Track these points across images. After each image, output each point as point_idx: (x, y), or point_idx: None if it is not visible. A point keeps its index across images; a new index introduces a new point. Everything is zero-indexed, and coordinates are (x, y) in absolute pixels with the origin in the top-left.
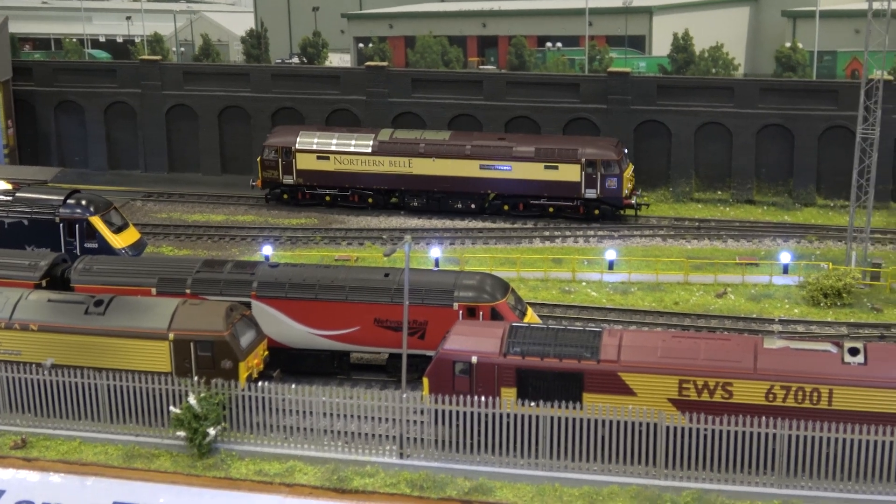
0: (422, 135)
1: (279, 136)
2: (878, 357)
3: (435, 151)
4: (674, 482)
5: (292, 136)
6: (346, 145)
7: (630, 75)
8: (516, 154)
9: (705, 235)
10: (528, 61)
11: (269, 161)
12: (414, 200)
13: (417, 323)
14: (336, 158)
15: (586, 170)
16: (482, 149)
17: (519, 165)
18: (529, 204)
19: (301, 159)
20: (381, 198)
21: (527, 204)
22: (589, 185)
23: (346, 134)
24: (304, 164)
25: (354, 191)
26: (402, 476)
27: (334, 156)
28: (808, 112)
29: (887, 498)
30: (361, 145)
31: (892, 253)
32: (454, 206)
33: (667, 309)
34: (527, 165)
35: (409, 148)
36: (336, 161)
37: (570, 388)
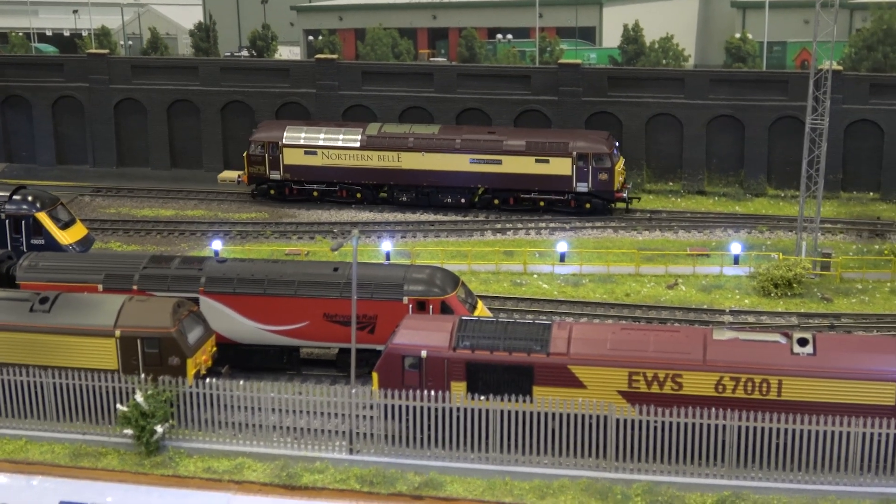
0: (410, 129)
1: (266, 131)
2: (827, 347)
3: (424, 146)
4: (624, 474)
5: (279, 131)
6: (333, 140)
7: (581, 67)
8: (507, 148)
9: (656, 226)
10: (479, 53)
11: (256, 156)
12: (403, 195)
13: (367, 317)
14: (324, 153)
15: (577, 163)
16: (472, 143)
17: (509, 159)
18: (520, 198)
19: (288, 154)
20: (370, 193)
21: (517, 198)
22: (580, 178)
23: (333, 129)
24: (292, 159)
25: (343, 186)
26: (352, 472)
27: (322, 151)
28: (758, 103)
29: (837, 488)
30: (350, 140)
31: (842, 243)
32: (444, 200)
33: (618, 300)
34: (517, 159)
35: (398, 142)
36: (324, 156)
37: (520, 381)
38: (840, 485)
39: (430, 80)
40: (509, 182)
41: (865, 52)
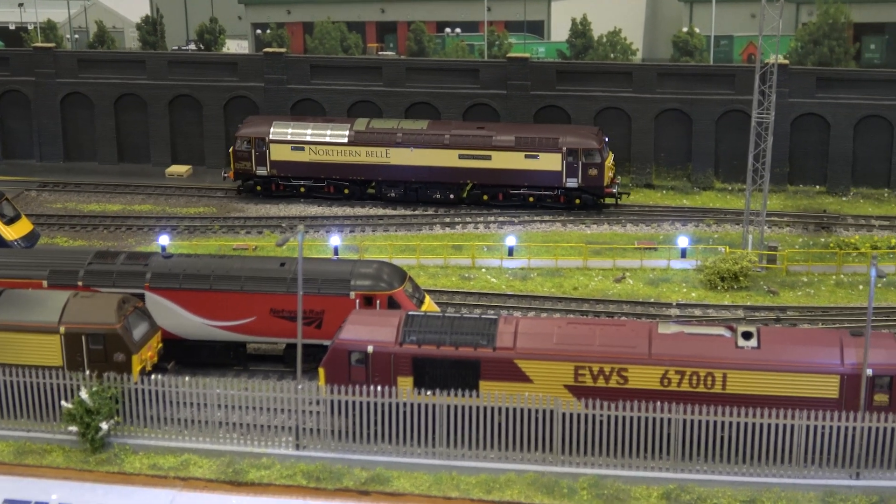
0: (399, 124)
1: (252, 127)
2: (771, 340)
3: (413, 141)
4: (571, 468)
5: (265, 127)
6: (321, 135)
7: (529, 61)
8: (496, 143)
9: (605, 220)
10: (428, 47)
11: (242, 152)
12: (391, 191)
13: (314, 312)
14: (311, 149)
15: (567, 159)
16: (461, 138)
17: (498, 155)
18: (509, 193)
19: (275, 150)
20: (358, 188)
21: (506, 194)
22: (570, 174)
23: (320, 124)
24: (279, 154)
25: (330, 182)
26: (299, 467)
27: (309, 146)
28: (705, 96)
29: (781, 480)
30: (337, 135)
31: (788, 236)
32: (432, 196)
33: (566, 294)
34: (506, 155)
35: (387, 138)
36: (311, 151)
37: (467, 376)
38: (784, 477)
39: (378, 74)
40: (498, 178)
41: (811, 47)
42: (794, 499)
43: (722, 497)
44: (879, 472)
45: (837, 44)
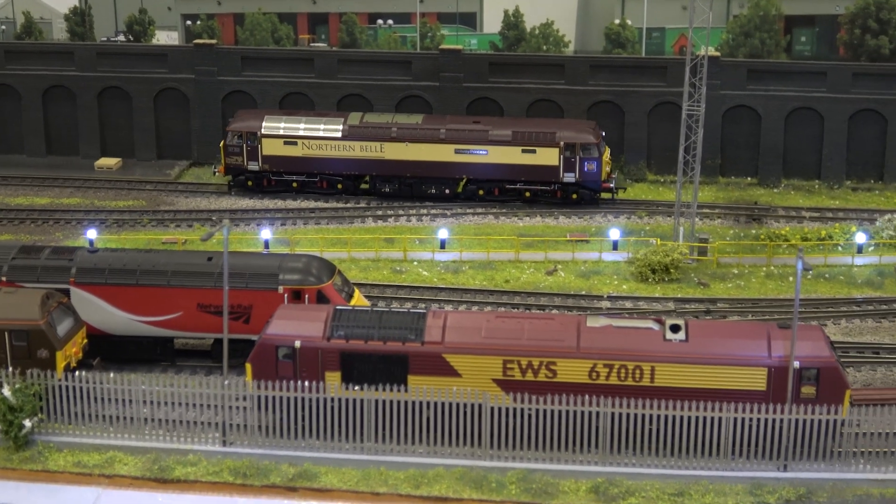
0: (393, 118)
1: (243, 121)
2: (699, 333)
3: (408, 136)
4: (499, 462)
5: (257, 121)
6: (314, 130)
7: (462, 53)
8: (492, 138)
9: (537, 212)
10: (360, 39)
11: (233, 147)
12: (385, 186)
13: (242, 307)
14: (304, 143)
15: (564, 153)
16: (457, 133)
17: (495, 149)
18: (505, 189)
19: (267, 145)
20: (351, 183)
21: (502, 189)
22: (567, 168)
23: (313, 118)
24: (271, 149)
25: (323, 177)
26: (226, 464)
27: (302, 141)
28: (637, 88)
29: (709, 473)
30: (331, 130)
31: (719, 227)
32: (427, 191)
33: (497, 287)
34: (503, 149)
35: (381, 132)
36: (304, 146)
37: (395, 370)
38: (712, 470)
39: (310, 66)
40: (495, 172)
41: (743, 39)
42: (722, 491)
43: (650, 490)
44: (807, 464)
45: (768, 36)
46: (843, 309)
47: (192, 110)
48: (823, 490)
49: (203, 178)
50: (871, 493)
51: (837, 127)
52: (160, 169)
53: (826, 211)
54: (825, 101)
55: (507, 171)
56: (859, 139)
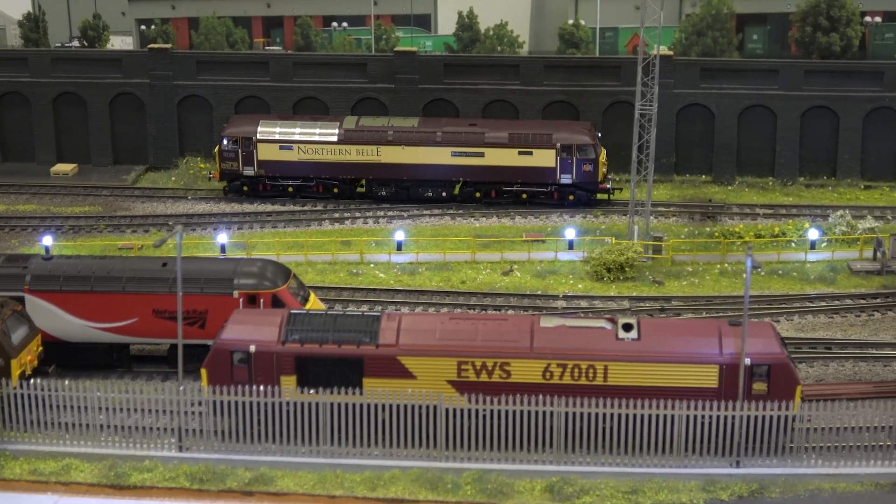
0: (389, 122)
1: (238, 126)
2: (651, 332)
3: (404, 139)
4: (455, 463)
5: (252, 126)
6: (310, 134)
7: (417, 54)
8: (489, 140)
9: (493, 213)
10: (315, 41)
11: (228, 152)
12: (382, 189)
13: (197, 312)
14: (300, 148)
15: (561, 155)
16: (453, 135)
17: (492, 151)
18: (502, 191)
19: (263, 149)
20: (347, 187)
21: (499, 191)
22: (564, 170)
23: (308, 122)
24: (266, 154)
25: (319, 181)
26: (182, 469)
27: (298, 145)
28: (592, 88)
29: (663, 470)
30: (326, 134)
31: (674, 226)
32: (424, 194)
33: (454, 288)
34: (500, 151)
35: (377, 136)
36: (300, 150)
37: (351, 373)
38: (666, 467)
39: (265, 69)
40: (492, 175)
41: (695, 38)
42: (676, 488)
43: (604, 488)
44: (759, 460)
45: (721, 34)
46: (797, 305)
47: (148, 115)
48: (776, 485)
49: (160, 183)
50: (823, 488)
51: (790, 124)
52: (116, 174)
53: (780, 208)
54: (778, 98)
55: (504, 173)
56: (812, 136)
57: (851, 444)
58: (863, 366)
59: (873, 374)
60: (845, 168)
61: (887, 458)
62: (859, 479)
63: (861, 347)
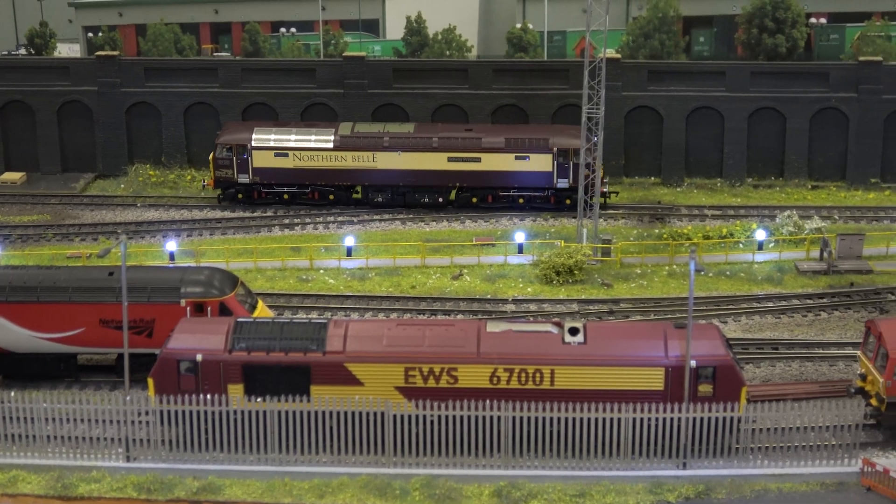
0: (384, 128)
1: (232, 133)
2: (597, 335)
3: (400, 145)
4: (403, 469)
5: (247, 133)
6: (305, 141)
7: (365, 59)
8: (485, 145)
9: (443, 217)
10: (263, 47)
11: (223, 160)
12: (378, 196)
13: (144, 321)
14: (295, 155)
15: (558, 159)
16: (450, 141)
17: (488, 157)
18: (498, 195)
19: (257, 157)
20: (343, 194)
21: (496, 195)
22: (561, 174)
23: (304, 129)
24: (261, 161)
25: (315, 188)
26: (129, 479)
27: (293, 152)
28: (540, 92)
29: (610, 473)
30: (322, 140)
31: (622, 228)
32: (421, 199)
33: (403, 293)
34: (496, 156)
35: (373, 142)
36: (295, 157)
37: (298, 381)
38: (613, 470)
39: (214, 76)
40: (488, 180)
41: (642, 41)
42: (623, 491)
43: (552, 492)
44: (705, 462)
45: (668, 37)
46: (744, 306)
47: (96, 122)
48: (722, 486)
49: (108, 191)
50: (769, 488)
51: (737, 125)
52: (65, 182)
53: (728, 209)
54: (725, 100)
55: (501, 178)
56: (759, 137)
57: (797, 444)
58: (809, 366)
59: (819, 374)
60: (793, 169)
61: (833, 458)
62: (805, 479)
63: (808, 347)
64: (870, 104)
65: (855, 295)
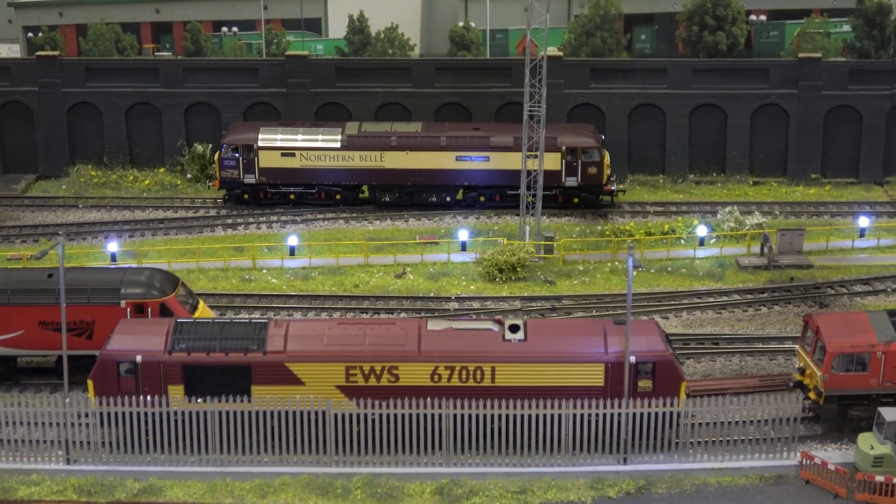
0: (392, 127)
1: (238, 133)
2: (538, 333)
3: (408, 144)
4: (345, 468)
5: (253, 133)
6: (312, 140)
7: (308, 58)
8: (494, 144)
9: (387, 216)
10: (205, 47)
11: (229, 160)
12: (385, 195)
13: (84, 323)
14: (302, 154)
15: (566, 158)
16: (458, 140)
17: (497, 155)
18: (507, 194)
19: (264, 157)
20: (350, 194)
21: (504, 194)
22: (569, 173)
23: (310, 129)
24: (268, 161)
25: (322, 188)
26: (70, 482)
27: (300, 152)
28: (483, 90)
29: (551, 469)
30: (329, 140)
31: (566, 225)
32: (428, 199)
33: (346, 292)
34: (505, 155)
35: (381, 141)
36: (302, 157)
37: (239, 381)
38: (554, 466)
39: (156, 75)
40: (497, 178)
41: (584, 38)
42: (564, 486)
43: (494, 489)
44: (646, 456)
45: (609, 35)
46: (685, 302)
47: (37, 123)
48: (662, 481)
49: (50, 192)
50: (709, 482)
51: (679, 122)
52: (6, 184)
53: (670, 205)
54: (666, 97)
55: (509, 177)
56: (701, 134)
57: (737, 438)
58: (749, 360)
59: (759, 368)
60: (734, 165)
61: (772, 452)
62: (744, 473)
63: (748, 342)
64: (810, 100)
65: (795, 289)
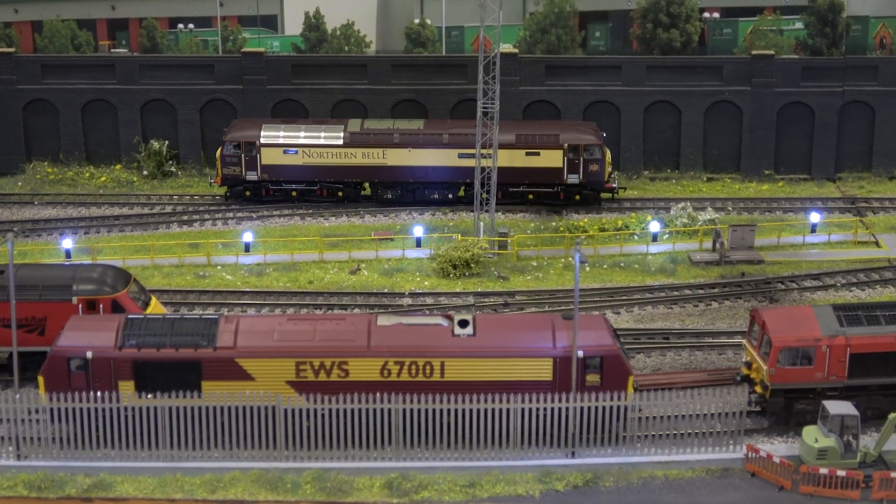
0: (394, 124)
1: (240, 130)
2: (487, 328)
3: (410, 141)
4: (295, 463)
5: (255, 130)
6: (315, 137)
7: (264, 55)
8: None
9: (343, 212)
10: (161, 43)
11: (230, 157)
12: (388, 192)
13: (36, 319)
14: (304, 151)
15: (568, 155)
16: (460, 137)
17: (499, 153)
18: (508, 191)
19: (266, 154)
20: (352, 191)
21: (505, 191)
22: (571, 170)
23: (312, 126)
24: (270, 158)
25: (324, 185)
26: (20, 478)
27: (303, 149)
28: (439, 87)
29: (500, 463)
30: (331, 137)
31: (520, 221)
32: (430, 196)
33: (301, 288)
34: (507, 152)
35: (383, 138)
36: (305, 154)
37: (189, 377)
38: (503, 460)
39: (112, 72)
40: (499, 176)
41: (539, 35)
42: (513, 480)
43: (443, 483)
44: (594, 450)
45: (564, 32)
46: (637, 297)
47: None
48: (610, 474)
49: (5, 189)
50: (655, 475)
51: (634, 119)
52: None
53: (624, 201)
54: (621, 94)
55: (511, 174)
56: (655, 130)
57: (685, 431)
58: (699, 354)
59: (709, 363)
60: (688, 161)
61: (718, 445)
62: (691, 466)
63: (698, 337)
64: (763, 97)
65: (746, 285)
